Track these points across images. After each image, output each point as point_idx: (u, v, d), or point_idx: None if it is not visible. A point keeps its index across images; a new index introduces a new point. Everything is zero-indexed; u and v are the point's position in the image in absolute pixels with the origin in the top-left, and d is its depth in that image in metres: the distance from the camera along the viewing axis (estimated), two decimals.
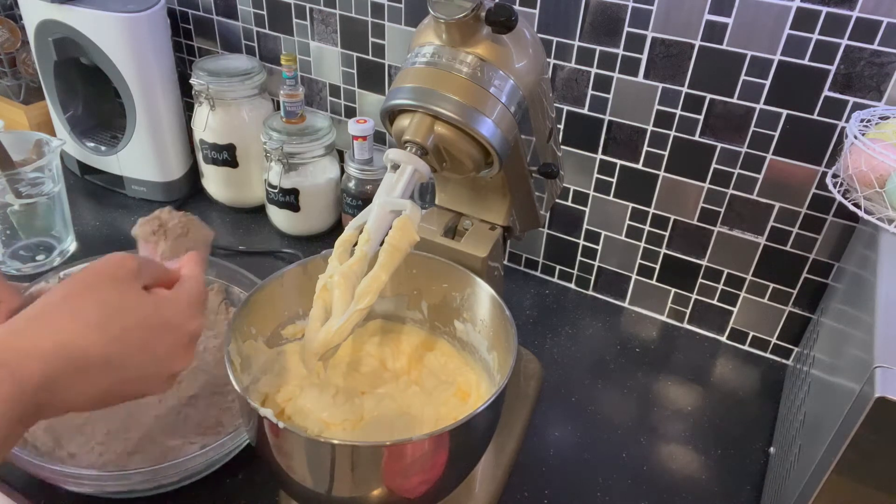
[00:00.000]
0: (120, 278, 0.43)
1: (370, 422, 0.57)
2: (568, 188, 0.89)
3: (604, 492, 0.68)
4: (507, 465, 0.68)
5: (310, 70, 1.02)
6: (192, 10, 1.08)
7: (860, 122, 0.64)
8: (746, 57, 0.71)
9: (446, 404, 0.60)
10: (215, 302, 0.77)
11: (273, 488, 0.65)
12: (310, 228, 1.02)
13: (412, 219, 0.53)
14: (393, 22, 0.90)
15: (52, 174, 0.90)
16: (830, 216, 0.75)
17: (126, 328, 0.42)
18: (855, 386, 0.46)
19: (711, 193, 0.80)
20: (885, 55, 0.65)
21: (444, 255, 0.63)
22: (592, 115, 0.83)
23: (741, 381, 0.83)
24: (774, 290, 0.82)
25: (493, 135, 0.53)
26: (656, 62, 0.76)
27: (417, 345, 0.67)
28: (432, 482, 0.51)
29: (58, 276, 0.73)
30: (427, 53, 0.53)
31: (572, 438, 0.73)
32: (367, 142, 0.93)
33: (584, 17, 0.77)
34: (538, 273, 0.98)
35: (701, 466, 0.71)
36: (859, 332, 0.52)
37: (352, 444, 0.48)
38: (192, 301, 0.47)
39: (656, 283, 0.90)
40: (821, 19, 0.66)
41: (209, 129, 0.99)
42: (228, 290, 0.78)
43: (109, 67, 0.96)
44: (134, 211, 1.06)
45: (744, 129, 0.75)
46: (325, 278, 0.54)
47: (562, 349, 0.86)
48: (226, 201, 1.07)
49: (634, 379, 0.82)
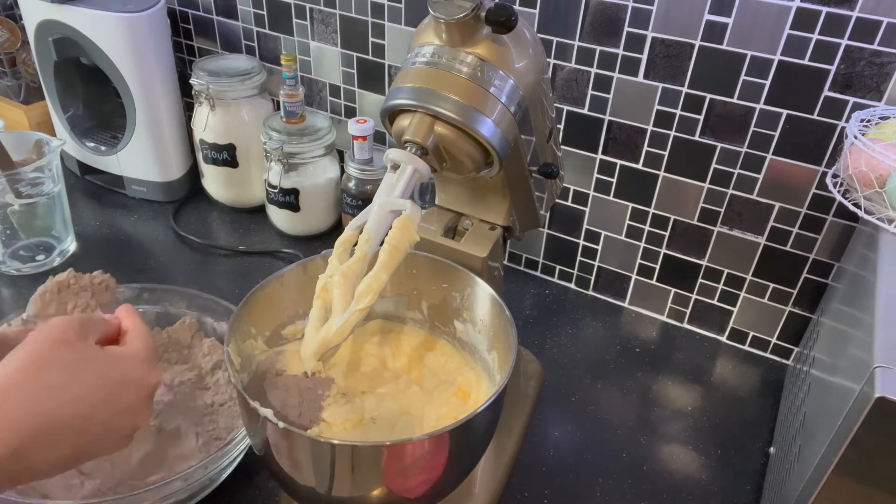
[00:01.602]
0: (70, 340, 0.43)
1: (370, 422, 0.57)
2: (568, 188, 0.89)
3: (604, 492, 0.68)
4: (507, 465, 0.68)
5: (310, 70, 1.02)
6: (192, 10, 1.08)
7: (860, 122, 0.64)
8: (746, 57, 0.71)
9: (446, 404, 0.60)
10: (187, 335, 0.74)
11: (273, 489, 0.65)
12: (310, 228, 1.02)
13: (412, 219, 0.53)
14: (393, 22, 0.90)
15: (52, 174, 0.90)
16: (830, 216, 0.75)
17: (87, 388, 0.42)
18: (855, 386, 0.46)
19: (711, 193, 0.80)
20: (885, 55, 0.65)
21: (444, 255, 0.63)
22: (592, 115, 0.83)
23: (741, 381, 0.83)
24: (774, 290, 0.82)
25: (493, 135, 0.53)
26: (656, 62, 0.76)
27: (417, 345, 0.67)
28: (432, 482, 0.51)
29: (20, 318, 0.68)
30: (427, 53, 0.53)
31: (572, 438, 0.73)
32: (367, 142, 0.93)
33: (584, 17, 0.77)
34: (538, 273, 0.98)
35: (701, 466, 0.71)
36: (859, 332, 0.52)
37: (352, 444, 0.48)
38: (147, 355, 0.47)
39: (656, 283, 0.90)
40: (821, 19, 0.66)
41: (209, 129, 0.99)
42: (201, 321, 0.76)
43: (109, 67, 0.96)
44: (134, 211, 1.06)
45: (744, 129, 0.75)
46: (325, 278, 0.54)
47: (562, 349, 0.86)
48: (226, 201, 1.07)
49: (634, 379, 0.82)
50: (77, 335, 0.44)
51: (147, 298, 0.76)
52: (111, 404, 0.43)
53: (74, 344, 0.43)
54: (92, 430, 0.42)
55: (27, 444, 0.38)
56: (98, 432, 0.43)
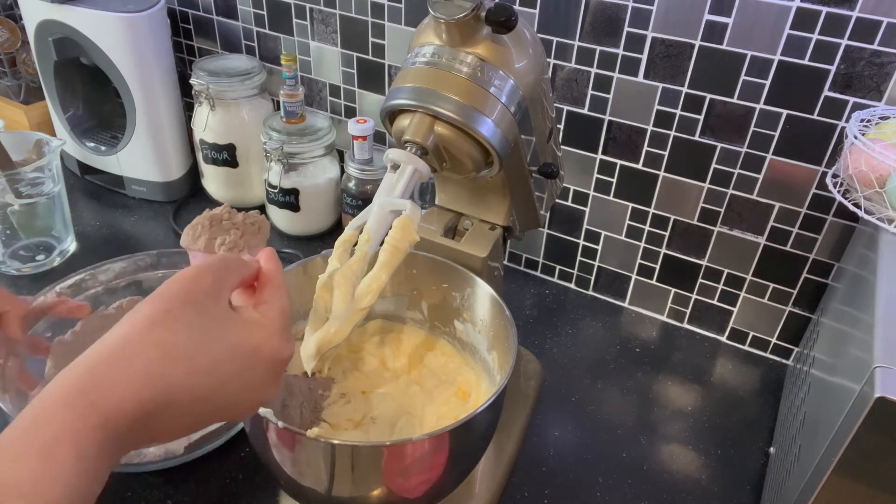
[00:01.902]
0: (199, 301, 0.39)
1: (370, 422, 0.57)
2: (568, 188, 0.89)
3: (604, 492, 0.68)
4: (507, 465, 0.68)
5: (310, 70, 1.02)
6: (192, 10, 1.08)
7: (860, 122, 0.64)
8: (746, 57, 0.71)
9: (447, 404, 0.60)
10: None
11: (273, 488, 0.65)
12: (310, 228, 1.02)
13: (412, 219, 0.53)
14: (393, 22, 0.90)
15: (52, 174, 0.90)
16: (830, 216, 0.75)
17: (216, 360, 0.38)
18: (855, 386, 0.46)
19: (711, 193, 0.80)
20: (885, 55, 0.65)
21: (444, 255, 0.63)
22: (592, 115, 0.83)
23: (741, 381, 0.83)
24: (774, 290, 0.82)
25: (493, 135, 0.53)
26: (656, 62, 0.76)
27: (417, 345, 0.67)
28: (432, 482, 0.51)
29: (55, 291, 0.71)
30: (427, 53, 0.53)
31: (572, 438, 0.73)
32: (367, 142, 0.93)
33: (584, 17, 0.77)
34: (538, 273, 0.98)
35: (701, 466, 0.71)
36: (859, 332, 0.52)
37: (352, 444, 0.48)
38: (282, 324, 0.43)
39: (656, 283, 0.90)
40: (821, 19, 0.66)
41: (209, 129, 0.99)
42: None
43: (109, 67, 0.96)
44: (134, 211, 1.06)
45: (744, 129, 0.75)
46: (325, 278, 0.54)
47: (562, 349, 0.86)
48: (226, 201, 1.07)
49: (634, 379, 0.82)
50: (208, 293, 0.40)
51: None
52: (240, 378, 0.39)
53: (205, 304, 0.39)
54: (217, 402, 0.39)
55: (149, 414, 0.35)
56: (223, 404, 0.40)
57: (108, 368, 0.35)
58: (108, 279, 0.76)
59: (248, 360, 0.40)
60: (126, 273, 0.77)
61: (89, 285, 0.75)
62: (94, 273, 0.75)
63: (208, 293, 0.40)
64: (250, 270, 0.45)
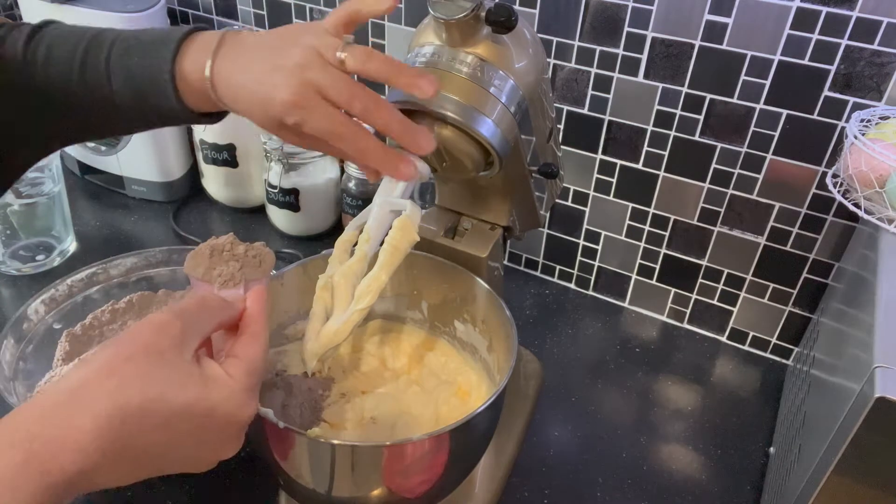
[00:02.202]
0: (162, 351, 0.38)
1: (370, 422, 0.57)
2: (568, 188, 0.89)
3: (604, 492, 0.68)
4: (507, 465, 0.68)
5: None
6: (192, 10, 1.08)
7: (860, 122, 0.64)
8: (746, 57, 0.71)
9: (447, 404, 0.60)
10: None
11: (273, 488, 0.65)
12: (310, 228, 1.02)
13: (412, 219, 0.53)
14: (393, 22, 0.90)
15: (52, 174, 0.90)
16: (830, 216, 0.75)
17: (169, 416, 0.37)
18: (855, 386, 0.46)
19: (711, 193, 0.80)
20: (885, 55, 0.65)
21: (444, 255, 0.63)
22: (592, 115, 0.83)
23: (741, 381, 0.83)
24: (774, 290, 0.82)
25: (493, 135, 0.53)
26: (656, 62, 0.76)
27: (417, 345, 0.67)
28: (432, 482, 0.51)
29: (66, 284, 0.72)
30: (427, 53, 0.53)
31: (572, 438, 0.73)
32: None
33: (584, 17, 0.77)
34: (538, 273, 0.98)
35: (701, 466, 0.71)
36: (859, 332, 0.52)
37: (352, 444, 0.48)
38: (246, 383, 0.41)
39: (656, 283, 0.90)
40: (821, 19, 0.66)
41: (209, 129, 0.99)
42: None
43: None
44: (134, 211, 1.06)
45: (744, 129, 0.75)
46: (325, 278, 0.54)
47: (562, 349, 0.86)
48: (226, 201, 1.07)
49: (634, 379, 0.82)
50: (174, 343, 0.38)
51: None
52: (194, 436, 0.38)
53: (167, 355, 0.38)
54: (170, 457, 0.38)
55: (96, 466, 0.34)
56: (177, 458, 0.39)
57: (58, 416, 0.34)
58: (119, 273, 0.77)
59: (202, 420, 0.38)
60: (137, 268, 0.78)
61: (101, 279, 0.76)
62: (105, 267, 0.76)
63: (173, 344, 0.39)
64: (232, 313, 0.44)
